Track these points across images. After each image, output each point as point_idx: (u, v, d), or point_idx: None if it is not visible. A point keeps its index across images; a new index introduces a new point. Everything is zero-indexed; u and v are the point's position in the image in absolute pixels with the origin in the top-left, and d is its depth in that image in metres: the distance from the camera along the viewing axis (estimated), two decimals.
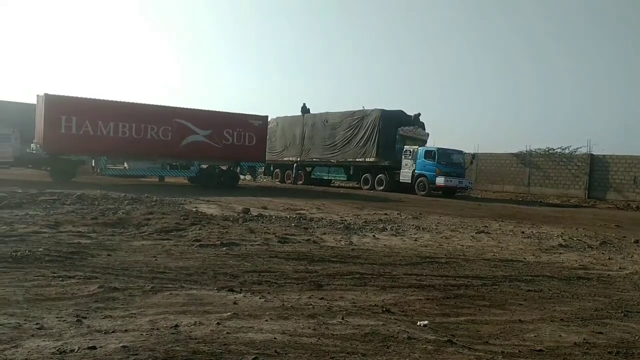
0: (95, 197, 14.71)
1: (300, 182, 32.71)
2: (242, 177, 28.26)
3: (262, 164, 28.51)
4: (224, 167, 26.07)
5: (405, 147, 28.63)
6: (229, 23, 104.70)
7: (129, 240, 8.88)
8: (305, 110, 33.62)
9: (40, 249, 7.33)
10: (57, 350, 3.61)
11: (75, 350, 3.60)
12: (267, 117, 27.55)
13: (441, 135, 77.84)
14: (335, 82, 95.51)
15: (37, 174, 23.47)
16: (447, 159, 27.56)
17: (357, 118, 30.25)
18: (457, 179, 27.49)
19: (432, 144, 30.63)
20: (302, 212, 14.87)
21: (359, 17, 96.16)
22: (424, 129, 30.94)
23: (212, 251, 8.23)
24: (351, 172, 31.00)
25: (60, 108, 21.82)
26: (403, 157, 28.39)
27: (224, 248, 8.51)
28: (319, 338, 4.30)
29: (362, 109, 30.77)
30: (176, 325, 4.33)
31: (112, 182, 23.18)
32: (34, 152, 22.88)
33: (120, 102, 23.44)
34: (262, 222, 12.00)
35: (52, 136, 21.70)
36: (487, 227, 13.88)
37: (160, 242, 8.90)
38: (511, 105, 78.45)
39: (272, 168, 34.71)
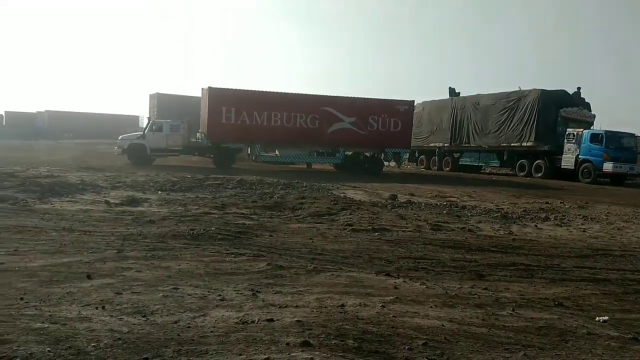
0: (252, 182, 15.76)
1: (447, 168, 31.69)
2: (386, 163, 28.18)
3: (407, 150, 28.11)
4: (368, 154, 26.24)
5: (568, 130, 26.13)
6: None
7: (286, 223, 9.35)
8: (453, 93, 32.33)
9: (212, 228, 8.04)
10: (240, 320, 3.90)
11: (256, 322, 3.87)
12: (413, 102, 27.04)
13: (611, 117, 70.23)
14: (482, 63, 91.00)
15: (201, 161, 25.80)
16: (616, 143, 24.63)
17: (512, 99, 28.24)
18: (628, 164, 24.48)
19: (598, 126, 27.61)
20: (452, 199, 14.40)
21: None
22: (590, 110, 27.97)
23: (365, 236, 8.32)
24: (505, 157, 29.16)
25: (221, 100, 23.69)
26: (565, 141, 25.90)
27: (376, 233, 8.56)
28: (489, 328, 4.12)
29: (518, 89, 28.71)
30: (342, 305, 4.43)
31: (264, 168, 24.59)
32: (199, 141, 25.16)
33: (273, 93, 24.72)
34: (412, 209, 11.85)
35: (215, 126, 23.68)
36: None
37: (314, 225, 9.23)
38: None
39: (417, 154, 34.05)
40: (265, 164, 25.77)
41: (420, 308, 4.51)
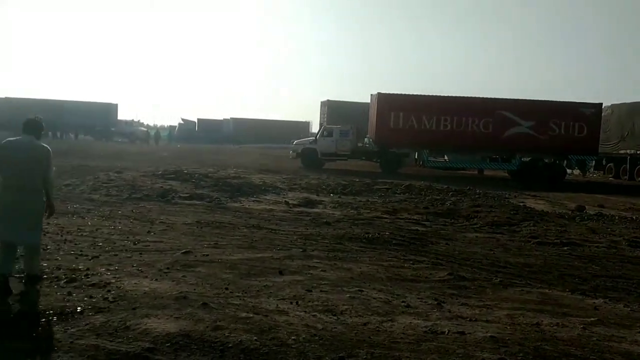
0: (421, 188, 15.56)
1: None
2: (569, 171, 25.72)
3: (594, 158, 25.37)
4: (548, 161, 24.24)
5: None
6: None
7: (462, 231, 9.03)
8: None
9: (386, 233, 8.10)
10: (429, 330, 3.84)
11: (446, 333, 3.77)
12: (601, 104, 24.36)
13: None
14: None
15: (367, 165, 26.27)
16: None
17: None
18: None
19: None
20: None
21: None
22: None
23: (552, 250, 7.68)
24: None
25: (389, 105, 23.88)
26: None
27: (565, 248, 7.84)
28: None
29: None
30: (537, 324, 4.12)
31: (431, 173, 24.12)
32: (367, 145, 25.65)
33: (443, 97, 24.17)
34: (604, 222, 10.66)
35: (382, 131, 23.94)
36: None
37: (493, 235, 8.78)
38: None
39: (604, 162, 30.55)
40: (432, 170, 25.31)
41: (626, 332, 4.01)
